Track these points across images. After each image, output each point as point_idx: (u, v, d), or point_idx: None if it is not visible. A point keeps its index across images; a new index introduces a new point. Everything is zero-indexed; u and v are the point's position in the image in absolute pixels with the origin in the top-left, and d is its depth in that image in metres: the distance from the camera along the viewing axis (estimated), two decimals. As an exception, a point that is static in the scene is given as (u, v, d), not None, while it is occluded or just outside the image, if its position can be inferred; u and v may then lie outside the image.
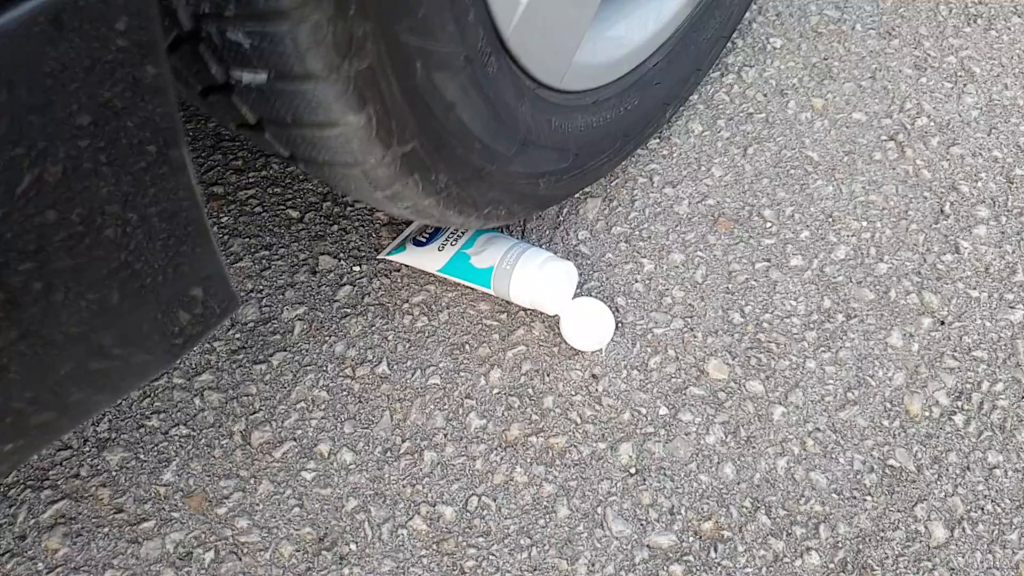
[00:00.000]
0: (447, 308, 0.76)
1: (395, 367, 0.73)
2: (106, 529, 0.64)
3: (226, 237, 0.82)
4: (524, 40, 0.61)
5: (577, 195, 0.83)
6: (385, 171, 0.54)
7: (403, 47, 0.49)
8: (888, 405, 0.69)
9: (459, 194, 0.62)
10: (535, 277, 0.70)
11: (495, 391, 0.71)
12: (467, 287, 0.76)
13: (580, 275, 0.78)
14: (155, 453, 0.68)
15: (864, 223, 0.81)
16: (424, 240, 0.77)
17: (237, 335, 0.75)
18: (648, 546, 0.62)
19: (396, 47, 0.48)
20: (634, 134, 0.82)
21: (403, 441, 0.68)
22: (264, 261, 0.80)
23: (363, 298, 0.77)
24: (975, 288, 0.76)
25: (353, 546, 0.63)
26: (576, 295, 0.76)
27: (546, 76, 0.67)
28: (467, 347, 0.73)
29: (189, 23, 0.43)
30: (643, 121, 0.83)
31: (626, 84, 0.78)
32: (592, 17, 0.68)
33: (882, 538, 0.62)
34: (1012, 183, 0.84)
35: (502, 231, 0.80)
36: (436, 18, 0.50)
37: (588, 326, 0.71)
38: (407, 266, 0.78)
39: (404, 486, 0.66)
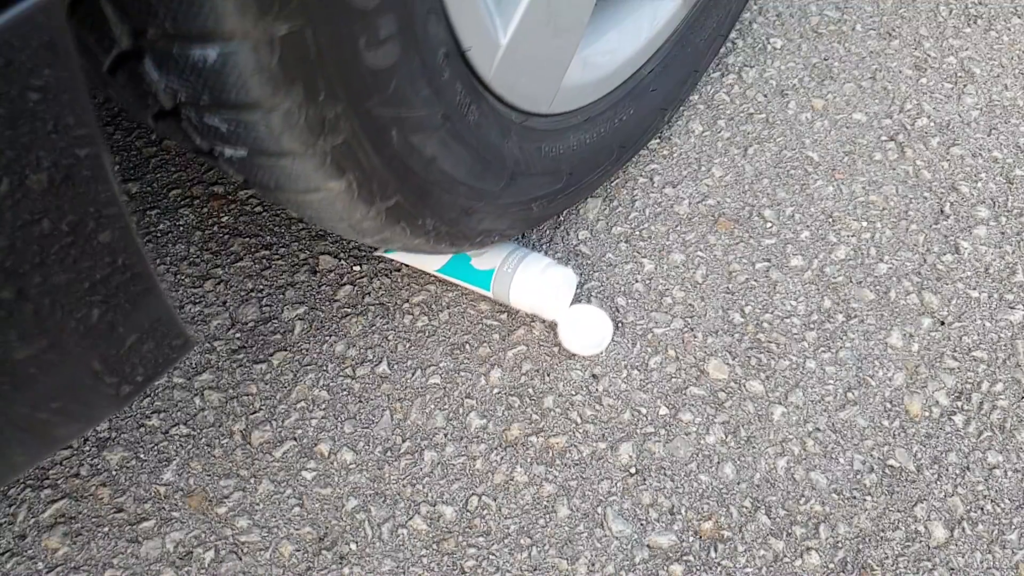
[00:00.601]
0: (447, 308, 0.76)
1: (395, 367, 0.73)
2: (106, 528, 0.64)
3: (226, 237, 0.82)
4: (508, 79, 0.61)
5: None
6: (371, 223, 0.55)
7: (377, 119, 0.49)
8: (888, 405, 0.69)
9: (449, 231, 0.63)
10: (536, 283, 0.70)
11: (495, 391, 0.71)
12: (466, 288, 0.76)
13: (580, 275, 0.78)
14: (155, 452, 0.68)
15: (864, 223, 0.81)
16: (424, 240, 0.78)
17: (237, 335, 0.75)
18: (648, 546, 0.62)
19: (370, 121, 0.49)
20: (631, 143, 0.81)
21: (403, 441, 0.68)
22: (264, 261, 0.80)
23: (363, 298, 0.77)
24: (975, 288, 0.76)
25: (353, 546, 0.63)
26: (576, 295, 0.76)
27: (533, 106, 0.66)
28: (467, 347, 0.73)
29: (169, 104, 0.44)
30: (640, 129, 0.82)
31: (620, 95, 0.76)
32: (579, 41, 0.67)
33: (882, 538, 0.62)
34: (1012, 183, 0.84)
35: (502, 231, 0.80)
36: (408, 88, 0.50)
37: (585, 333, 0.71)
38: (407, 265, 0.78)
39: (404, 486, 0.66)
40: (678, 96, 0.86)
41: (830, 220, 0.81)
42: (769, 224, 0.81)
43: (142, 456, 0.68)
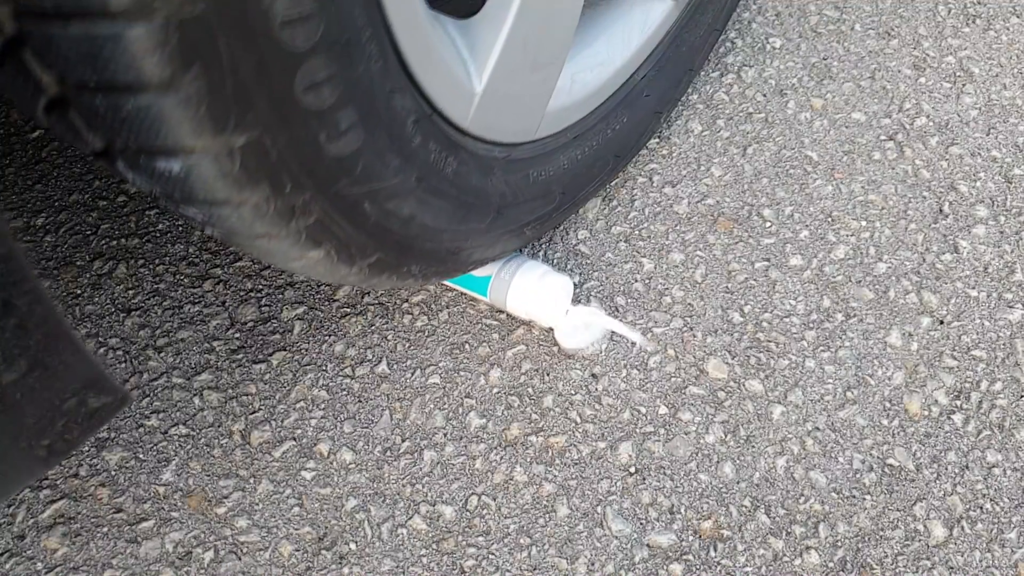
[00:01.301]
0: (447, 307, 0.76)
1: (395, 366, 0.73)
2: (105, 529, 0.64)
3: (225, 236, 0.82)
4: (487, 121, 0.60)
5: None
6: (356, 277, 0.56)
7: (348, 198, 0.49)
8: (887, 404, 0.69)
9: (437, 270, 0.63)
10: (533, 290, 0.70)
11: (495, 390, 0.71)
12: (464, 292, 0.76)
13: (580, 274, 0.78)
14: (154, 453, 0.68)
15: (863, 223, 0.81)
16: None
17: (236, 335, 0.75)
18: (648, 545, 0.62)
19: (341, 200, 0.49)
20: (627, 150, 0.80)
21: (403, 440, 0.68)
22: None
23: (362, 297, 0.77)
24: (974, 287, 0.76)
25: (353, 545, 0.63)
26: (575, 295, 0.76)
27: (517, 138, 0.64)
28: (467, 346, 0.73)
29: (148, 193, 0.46)
30: (635, 135, 0.80)
31: (612, 105, 0.74)
32: (562, 68, 0.65)
33: (881, 537, 0.62)
34: (1011, 183, 0.84)
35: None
36: (377, 164, 0.50)
37: (580, 333, 0.71)
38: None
39: (404, 485, 0.66)
40: (673, 96, 0.85)
41: (829, 219, 0.81)
42: (768, 223, 0.81)
43: (141, 456, 0.68)
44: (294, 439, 0.69)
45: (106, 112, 0.38)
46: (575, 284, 0.77)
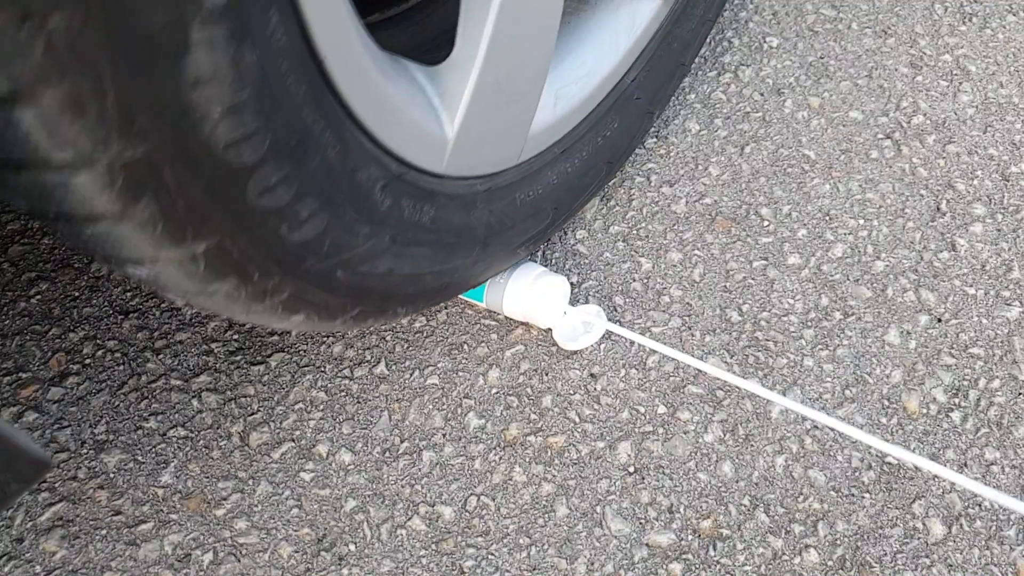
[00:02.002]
0: (445, 308, 0.76)
1: (393, 367, 0.73)
2: (104, 531, 0.64)
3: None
4: (464, 161, 0.58)
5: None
6: (343, 326, 0.57)
7: (319, 271, 0.50)
8: (886, 402, 0.69)
9: (427, 303, 0.64)
10: (528, 292, 0.70)
11: (494, 391, 0.71)
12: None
13: (578, 274, 0.78)
14: (153, 455, 0.68)
15: (861, 221, 0.81)
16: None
17: (235, 336, 0.75)
18: (647, 544, 0.62)
19: (312, 275, 0.50)
20: (619, 155, 0.78)
21: (402, 441, 0.68)
22: (261, 262, 0.80)
23: (361, 298, 0.77)
24: (972, 285, 0.76)
25: (352, 546, 0.63)
26: (574, 295, 0.76)
27: (499, 166, 0.63)
28: (465, 347, 0.73)
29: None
30: (627, 138, 0.78)
31: (601, 112, 0.72)
32: (540, 94, 0.62)
33: (880, 535, 0.62)
34: (1008, 180, 0.84)
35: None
36: (345, 236, 0.50)
37: (578, 331, 0.71)
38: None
39: (403, 486, 0.66)
40: (666, 93, 0.82)
41: (827, 218, 0.81)
42: (766, 222, 0.81)
43: (140, 458, 0.68)
44: (293, 440, 0.69)
45: (70, 233, 0.40)
46: (573, 284, 0.77)
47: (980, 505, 0.63)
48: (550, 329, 0.73)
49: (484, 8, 0.52)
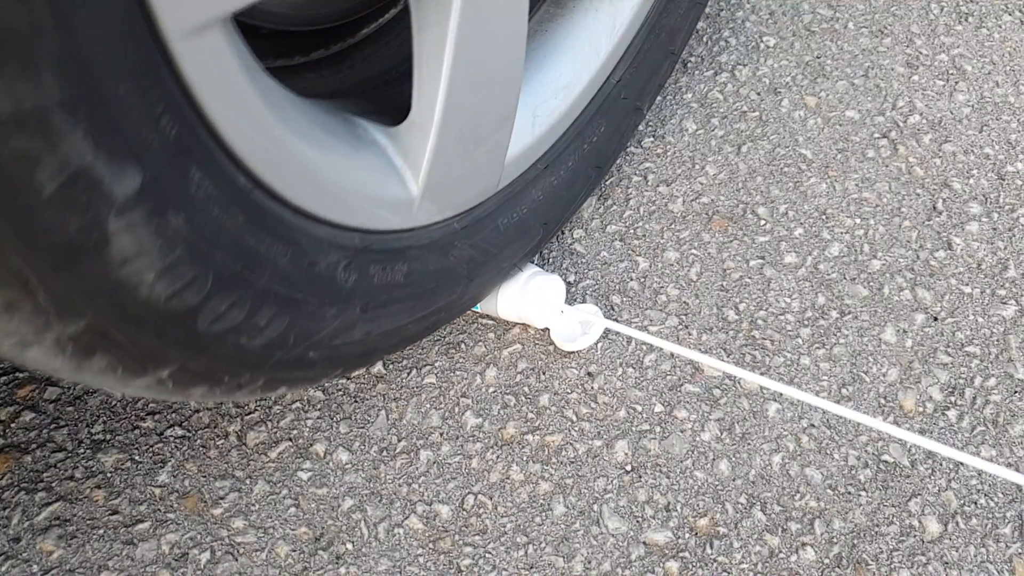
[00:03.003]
0: (442, 307, 0.76)
1: (390, 366, 0.73)
2: (101, 531, 0.64)
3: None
4: (434, 209, 0.56)
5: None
6: (332, 381, 0.58)
7: (291, 358, 0.50)
8: (882, 401, 0.69)
9: (414, 342, 0.63)
10: (521, 293, 0.70)
11: (491, 389, 0.71)
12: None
13: (575, 273, 0.78)
14: (150, 454, 0.68)
15: (857, 220, 0.81)
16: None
17: (232, 335, 0.75)
18: (644, 543, 0.62)
19: (284, 363, 0.50)
20: (608, 158, 0.76)
21: (399, 440, 0.68)
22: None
23: (358, 298, 0.77)
24: (968, 284, 0.76)
25: (349, 545, 0.63)
26: (571, 294, 0.76)
27: (475, 201, 0.60)
28: (463, 346, 0.73)
29: None
30: (616, 139, 0.76)
31: (586, 119, 0.69)
32: (512, 126, 0.59)
33: (877, 533, 0.62)
34: (1003, 180, 0.84)
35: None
36: (311, 324, 0.49)
37: (576, 331, 0.71)
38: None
39: (400, 485, 0.66)
40: (656, 85, 0.78)
41: (824, 217, 0.81)
42: (763, 222, 0.81)
43: (137, 458, 0.68)
44: (290, 440, 0.69)
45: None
46: (570, 283, 0.77)
47: (976, 503, 0.64)
48: (547, 328, 0.73)
49: (436, 68, 0.50)
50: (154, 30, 0.35)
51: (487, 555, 0.62)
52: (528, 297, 0.70)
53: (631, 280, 0.78)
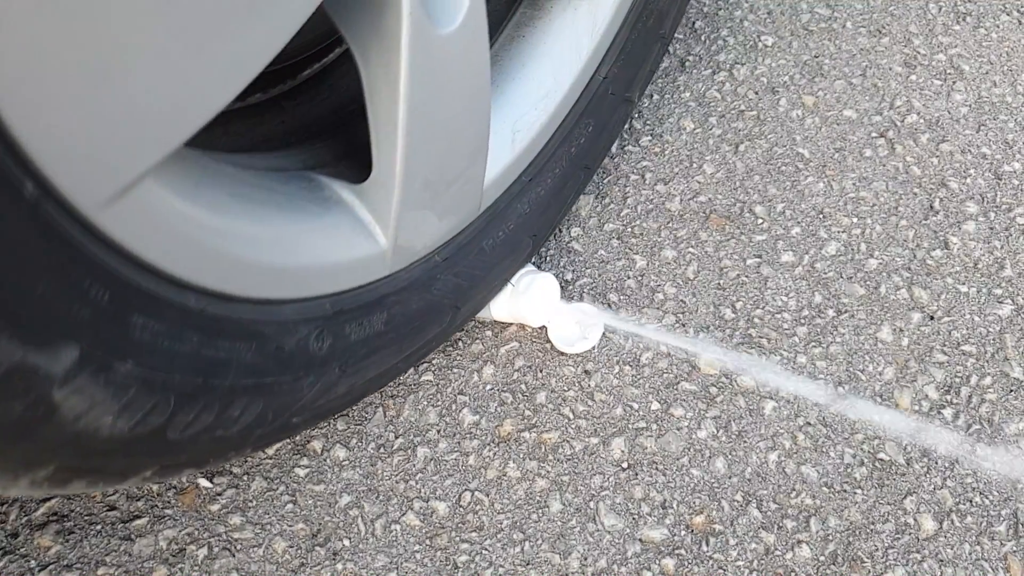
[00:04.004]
0: (440, 305, 0.76)
1: (388, 364, 0.73)
2: (99, 526, 0.64)
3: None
4: (409, 252, 0.54)
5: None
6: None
7: (275, 425, 0.50)
8: (878, 399, 0.69)
9: (406, 371, 0.63)
10: (512, 295, 0.70)
11: (488, 387, 0.71)
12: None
13: (573, 272, 0.78)
14: (148, 450, 0.68)
15: (854, 219, 0.81)
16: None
17: (230, 332, 0.75)
18: (640, 540, 0.63)
19: (268, 433, 0.50)
20: (598, 156, 0.73)
21: (396, 437, 0.68)
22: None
23: (356, 295, 0.77)
24: (964, 283, 0.76)
25: (346, 542, 0.63)
26: (568, 292, 0.76)
27: (456, 230, 0.58)
28: (460, 343, 0.74)
29: None
30: (605, 136, 0.73)
31: (571, 123, 0.66)
32: (485, 158, 0.56)
33: (872, 530, 0.62)
34: (1000, 179, 0.84)
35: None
36: (289, 395, 0.49)
37: (574, 331, 0.72)
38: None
39: (397, 482, 0.66)
40: (645, 71, 0.74)
41: (821, 216, 0.82)
42: (760, 220, 0.82)
43: (135, 454, 0.68)
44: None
45: None
46: (568, 281, 0.77)
47: (971, 501, 0.64)
48: (544, 327, 0.73)
49: (392, 130, 0.47)
50: (70, 215, 0.33)
51: (484, 552, 0.62)
52: (520, 297, 0.70)
53: (628, 278, 0.78)
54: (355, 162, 0.52)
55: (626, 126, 0.90)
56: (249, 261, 0.44)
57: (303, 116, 0.64)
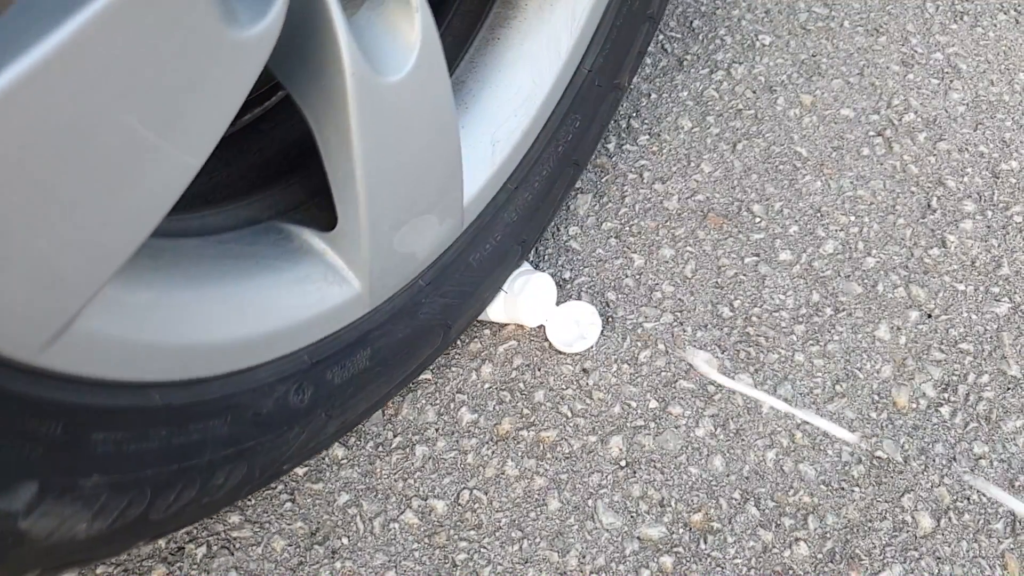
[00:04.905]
0: (438, 304, 0.76)
1: (386, 362, 0.73)
2: (98, 525, 0.64)
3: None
4: (388, 288, 0.52)
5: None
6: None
7: (262, 482, 0.50)
8: (876, 397, 0.69)
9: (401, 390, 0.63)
10: (506, 297, 0.70)
11: (486, 386, 0.71)
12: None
13: (571, 270, 0.78)
14: (146, 449, 0.68)
15: (852, 218, 0.81)
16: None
17: (228, 331, 0.75)
18: (638, 538, 0.63)
19: (253, 488, 0.50)
20: (588, 150, 0.71)
21: (394, 436, 0.68)
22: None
23: (354, 294, 0.77)
24: (961, 282, 0.77)
25: (345, 540, 0.63)
26: (567, 291, 0.76)
27: (437, 253, 0.56)
28: (458, 342, 0.74)
29: None
30: (596, 128, 0.70)
31: (556, 122, 0.63)
32: (461, 183, 0.54)
33: (870, 528, 0.63)
34: (998, 178, 0.84)
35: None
36: (275, 450, 0.49)
37: (572, 331, 0.72)
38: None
39: (396, 480, 0.66)
40: (634, 53, 0.70)
41: (818, 215, 0.82)
42: (758, 219, 0.82)
43: (133, 453, 0.68)
44: (286, 435, 0.69)
45: None
46: (566, 280, 0.78)
47: (968, 499, 0.64)
48: (542, 326, 0.73)
49: (351, 184, 0.46)
50: (8, 367, 0.32)
51: (482, 550, 0.62)
52: (515, 299, 0.70)
53: (626, 277, 0.78)
54: (325, 200, 0.49)
55: (624, 125, 0.90)
56: (215, 342, 0.42)
57: (265, 153, 0.60)
